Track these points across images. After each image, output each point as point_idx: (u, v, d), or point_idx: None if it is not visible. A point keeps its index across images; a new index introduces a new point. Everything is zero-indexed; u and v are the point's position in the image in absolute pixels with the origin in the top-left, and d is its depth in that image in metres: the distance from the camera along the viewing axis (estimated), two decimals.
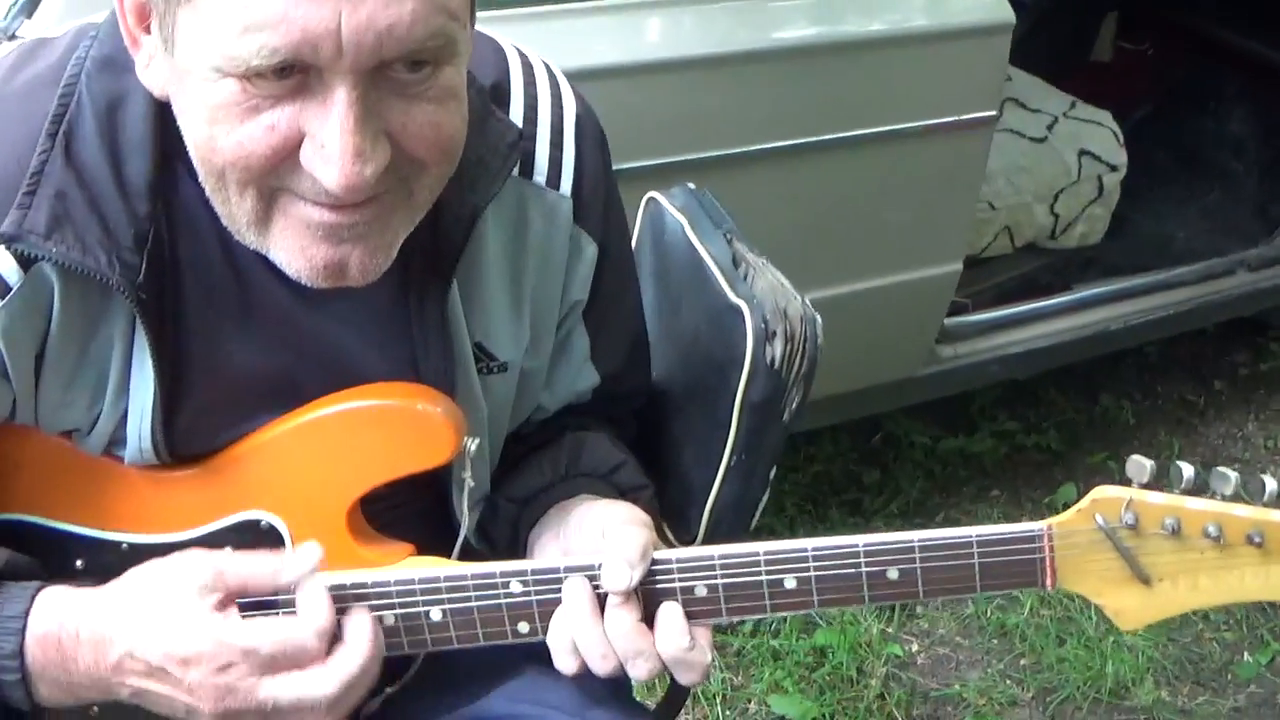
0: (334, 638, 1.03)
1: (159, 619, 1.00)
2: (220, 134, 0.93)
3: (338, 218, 0.96)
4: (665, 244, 1.44)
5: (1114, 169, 3.10)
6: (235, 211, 0.98)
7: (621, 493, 1.23)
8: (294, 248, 0.98)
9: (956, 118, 2.32)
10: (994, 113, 2.36)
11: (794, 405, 1.27)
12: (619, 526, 1.09)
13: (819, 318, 1.28)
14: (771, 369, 1.24)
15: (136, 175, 1.01)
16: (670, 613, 1.05)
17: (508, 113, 1.16)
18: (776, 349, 1.24)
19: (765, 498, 1.31)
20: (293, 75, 0.90)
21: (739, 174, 2.10)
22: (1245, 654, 2.65)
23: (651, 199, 1.48)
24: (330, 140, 0.91)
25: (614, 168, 1.26)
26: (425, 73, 0.94)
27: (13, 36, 1.67)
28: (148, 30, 0.97)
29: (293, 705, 1.00)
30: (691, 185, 1.47)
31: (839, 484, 2.89)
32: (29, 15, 1.69)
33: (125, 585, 1.04)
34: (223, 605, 1.01)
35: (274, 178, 0.95)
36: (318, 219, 0.97)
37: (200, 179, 0.99)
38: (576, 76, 1.25)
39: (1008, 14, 2.31)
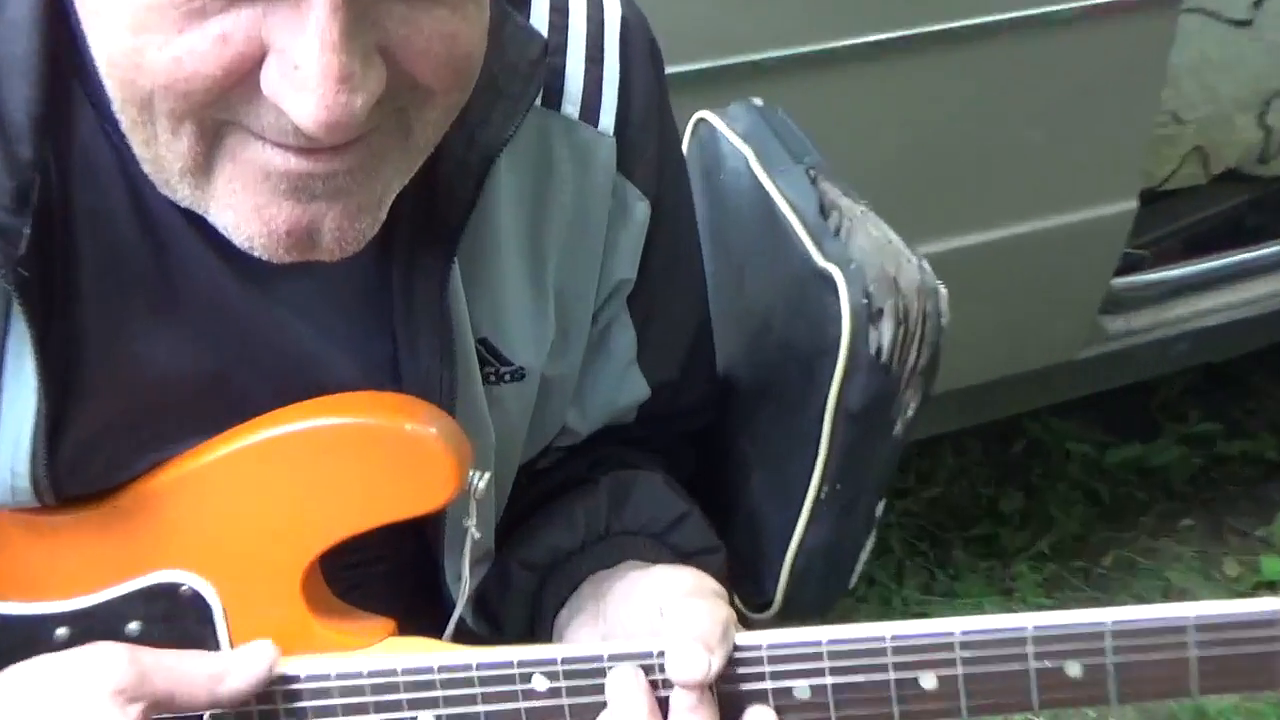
0: None
1: None
2: (150, 46, 0.89)
3: (309, 165, 0.93)
4: (722, 186, 1.44)
5: None
6: (164, 155, 0.95)
7: (683, 557, 1.22)
8: (245, 206, 0.95)
9: None
10: None
11: (909, 413, 1.26)
12: (683, 600, 1.07)
13: (943, 289, 1.26)
14: (877, 362, 1.23)
15: (17, 106, 1.00)
16: None
17: (527, 18, 1.16)
18: (884, 334, 1.23)
19: (870, 543, 1.31)
20: None
21: (821, 83, 2.10)
22: None
23: (702, 121, 1.48)
24: (306, 59, 0.88)
25: (674, 68, 1.27)
26: None
27: None
28: None
29: None
30: (758, 101, 1.46)
31: (965, 514, 2.92)
32: None
33: (9, 690, 1.03)
34: (144, 717, 1.01)
35: (222, 108, 0.92)
36: (281, 166, 0.93)
37: (115, 108, 0.96)
38: None
39: None
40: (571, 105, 1.17)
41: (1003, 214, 2.38)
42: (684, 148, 1.48)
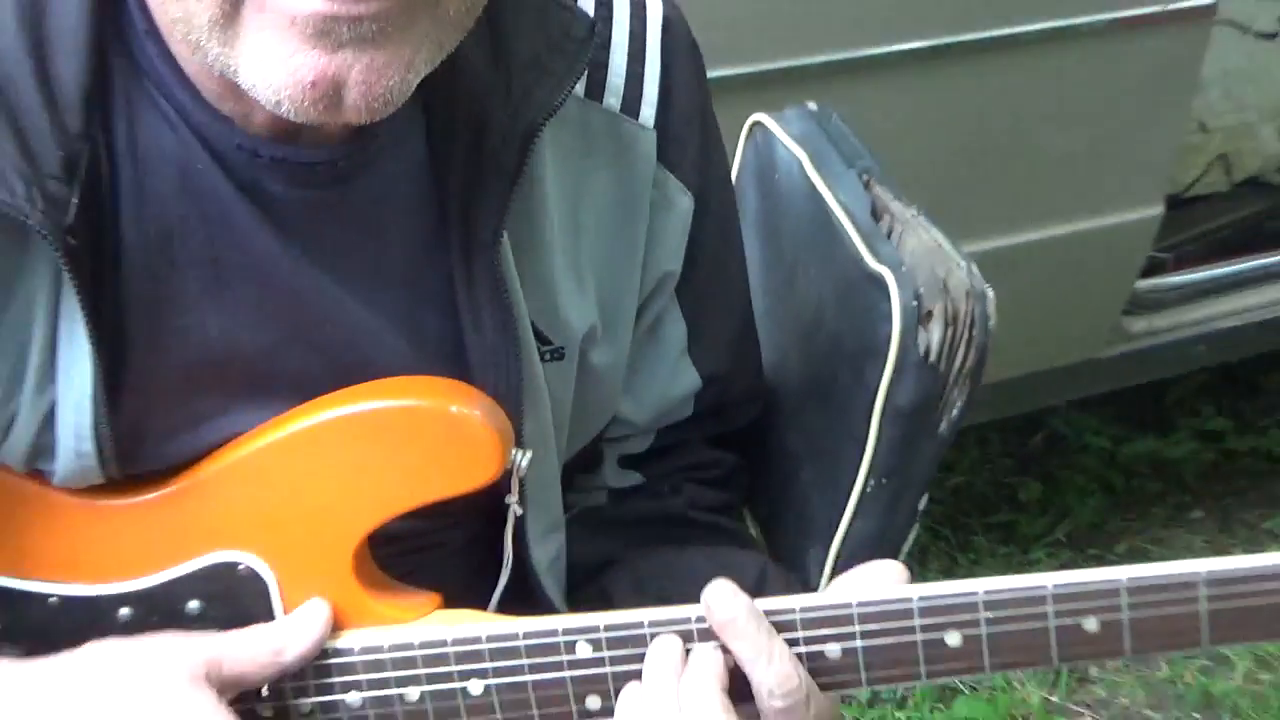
0: None
1: (158, 711, 1.00)
2: None
3: (334, 6, 0.90)
4: (776, 188, 1.41)
5: None
6: (192, 7, 0.92)
7: None
8: (271, 56, 0.92)
9: (1160, 7, 2.27)
10: (1212, 1, 2.31)
11: (955, 412, 1.24)
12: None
13: (990, 292, 1.24)
14: (926, 362, 1.21)
15: (67, 79, 0.99)
16: None
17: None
18: (933, 335, 1.21)
19: (913, 535, 1.29)
20: None
21: (871, 87, 2.09)
22: None
23: (758, 124, 1.45)
24: None
25: (718, 72, 1.25)
26: None
27: None
28: None
29: None
30: (812, 105, 1.44)
31: (986, 502, 2.90)
32: None
33: (77, 682, 1.02)
34: (224, 696, 1.01)
35: None
36: (307, 9, 0.90)
37: None
38: None
39: None
40: (614, 98, 1.16)
41: (1034, 217, 2.37)
42: (739, 149, 1.47)
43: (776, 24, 2.03)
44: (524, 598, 1.18)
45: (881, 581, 1.05)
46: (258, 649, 1.05)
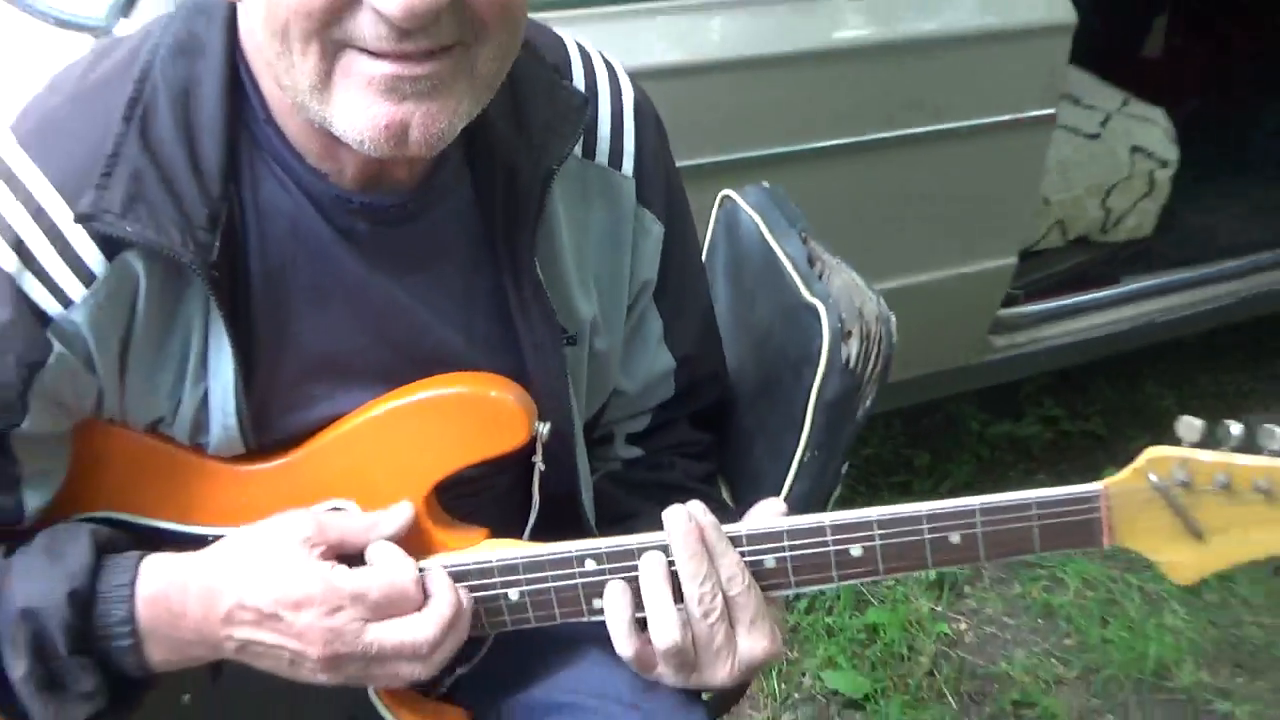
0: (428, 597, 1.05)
1: (268, 568, 1.00)
2: None
3: (399, 68, 0.91)
4: (740, 241, 1.42)
5: (1165, 165, 3.07)
6: (298, 75, 0.92)
7: None
8: (355, 107, 0.92)
9: (1016, 116, 2.30)
10: (1053, 110, 2.33)
11: (867, 403, 1.25)
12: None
13: (894, 317, 1.26)
14: (846, 368, 1.22)
15: (210, 156, 0.99)
16: None
17: (570, 81, 1.15)
18: (852, 348, 1.22)
19: (837, 492, 1.29)
20: None
21: (807, 170, 2.09)
22: None
23: (726, 197, 1.46)
24: None
25: (687, 161, 1.25)
26: None
27: (109, 34, 1.68)
28: None
29: (395, 650, 1.01)
30: (765, 184, 1.45)
31: (889, 466, 2.89)
32: (125, 14, 1.69)
33: (230, 543, 1.04)
34: (324, 556, 1.02)
35: (336, 28, 0.89)
36: (379, 73, 0.91)
37: (267, 55, 0.95)
38: (651, 74, 1.22)
39: (1069, 13, 2.28)
40: (603, 156, 1.16)
41: (926, 263, 2.37)
42: (713, 215, 1.47)
43: (741, 128, 2.03)
44: (567, 525, 1.17)
45: (774, 512, 1.09)
46: (356, 524, 1.05)
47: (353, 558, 1.04)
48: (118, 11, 1.68)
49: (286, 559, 1.00)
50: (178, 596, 1.01)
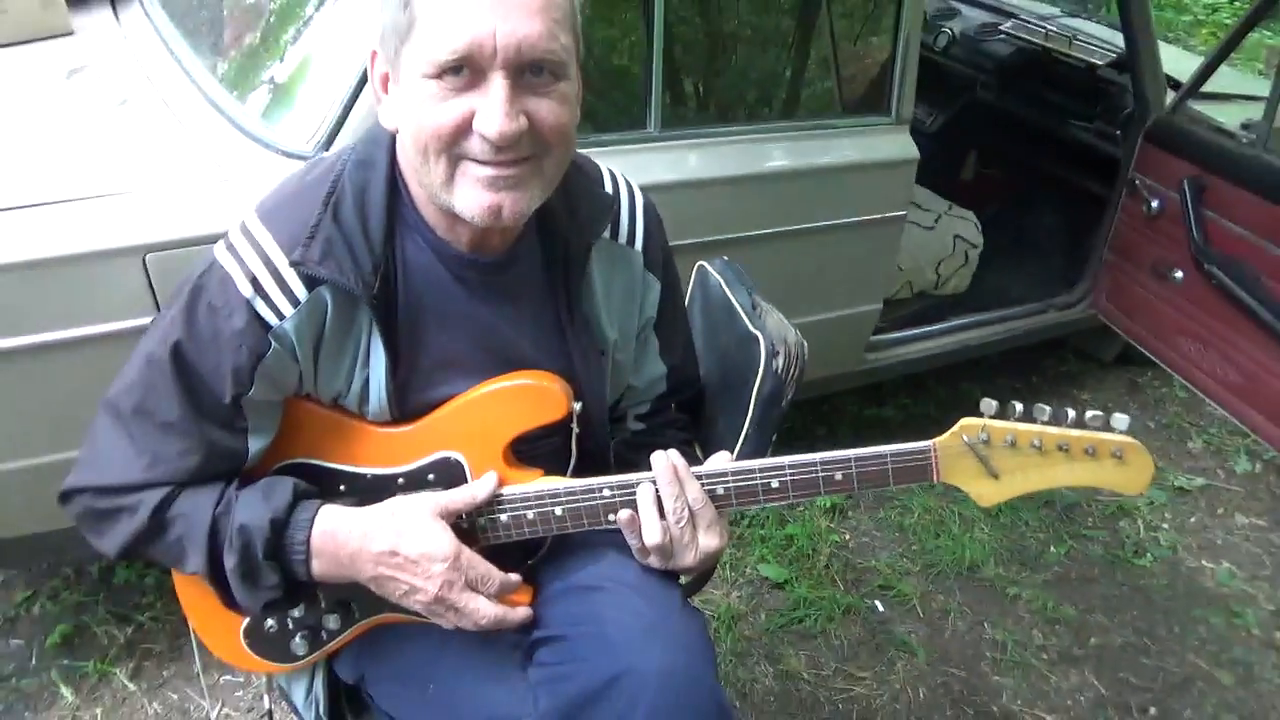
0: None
1: (420, 533, 1.00)
2: (426, 117, 0.90)
3: (495, 171, 0.91)
4: (709, 294, 1.39)
5: (975, 246, 3.03)
6: (433, 178, 0.93)
7: None
8: (469, 196, 0.93)
9: (883, 215, 2.26)
10: (904, 212, 2.29)
11: (789, 397, 1.22)
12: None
13: (806, 344, 1.23)
14: (776, 375, 1.20)
15: (375, 231, 0.98)
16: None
17: (601, 186, 1.14)
18: (779, 363, 1.20)
19: (768, 452, 1.25)
20: (466, 75, 0.88)
21: (750, 248, 2.06)
22: (1051, 546, 2.57)
23: (700, 266, 1.43)
24: (491, 106, 0.88)
25: (675, 242, 1.22)
26: (547, 79, 0.90)
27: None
28: (387, 91, 0.96)
29: (469, 610, 1.01)
30: (725, 258, 1.42)
31: (799, 435, 2.84)
32: (327, 148, 1.66)
33: (384, 507, 1.02)
34: (447, 520, 1.01)
35: (456, 145, 0.91)
36: (484, 174, 0.91)
37: (413, 170, 0.96)
38: (651, 187, 1.21)
39: (914, 152, 2.25)
40: (623, 238, 1.13)
41: (825, 307, 2.32)
42: (693, 277, 1.43)
43: (709, 222, 1.99)
44: (588, 472, 1.14)
45: (722, 459, 1.08)
46: (462, 494, 1.04)
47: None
48: (320, 147, 1.65)
49: (431, 527, 1.00)
50: (343, 535, 1.01)
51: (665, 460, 1.04)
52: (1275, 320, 2.28)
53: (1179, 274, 2.55)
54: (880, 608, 2.31)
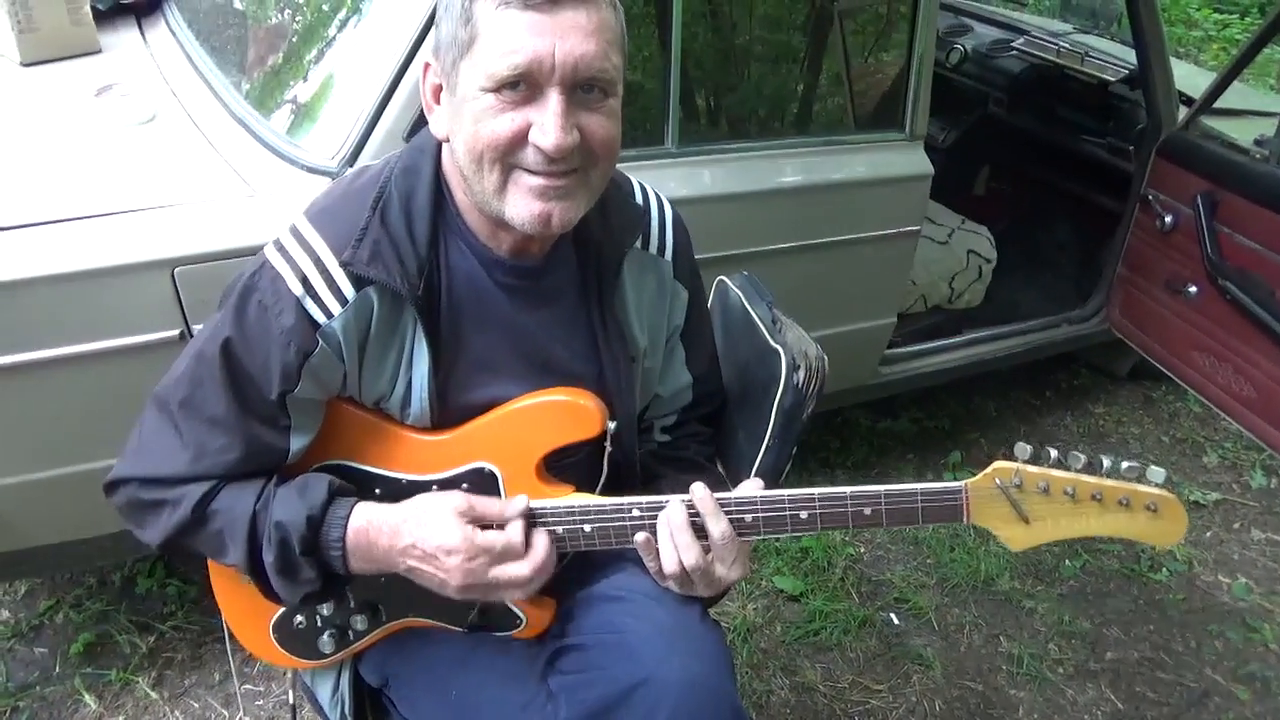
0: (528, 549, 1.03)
1: (435, 526, 1.00)
2: (483, 127, 0.91)
3: (547, 181, 0.93)
4: (729, 308, 1.39)
5: (989, 261, 3.03)
6: (486, 185, 0.95)
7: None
8: (521, 204, 0.94)
9: (897, 230, 2.26)
10: (918, 227, 2.29)
11: (809, 410, 1.22)
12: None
13: (827, 357, 1.23)
14: (797, 389, 1.20)
15: (420, 236, 1.00)
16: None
17: (634, 198, 1.16)
18: (800, 376, 1.20)
19: (788, 467, 1.26)
20: (523, 89, 0.90)
21: (770, 262, 2.07)
22: (1066, 560, 2.57)
23: (720, 281, 1.44)
24: (548, 120, 0.90)
25: (697, 256, 1.23)
26: (598, 96, 0.93)
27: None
28: (438, 101, 0.98)
29: (508, 581, 1.01)
30: (746, 272, 1.43)
31: (815, 447, 2.84)
32: (351, 164, 1.68)
33: (413, 504, 1.03)
34: (470, 524, 1.01)
35: (510, 155, 0.92)
36: (536, 183, 0.93)
37: (464, 176, 0.97)
38: (677, 202, 1.21)
39: (928, 168, 2.26)
40: (653, 248, 1.14)
41: (840, 319, 2.32)
42: (713, 292, 1.44)
43: (730, 236, 2.00)
44: (617, 486, 1.15)
45: (754, 486, 1.06)
46: (492, 505, 1.03)
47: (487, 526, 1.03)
48: (345, 163, 1.67)
49: (447, 522, 1.00)
50: (374, 531, 1.01)
51: (704, 492, 1.04)
52: None
53: (1193, 289, 2.55)
54: (896, 621, 2.31)
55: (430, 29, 1.31)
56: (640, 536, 1.04)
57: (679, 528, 1.03)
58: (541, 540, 1.03)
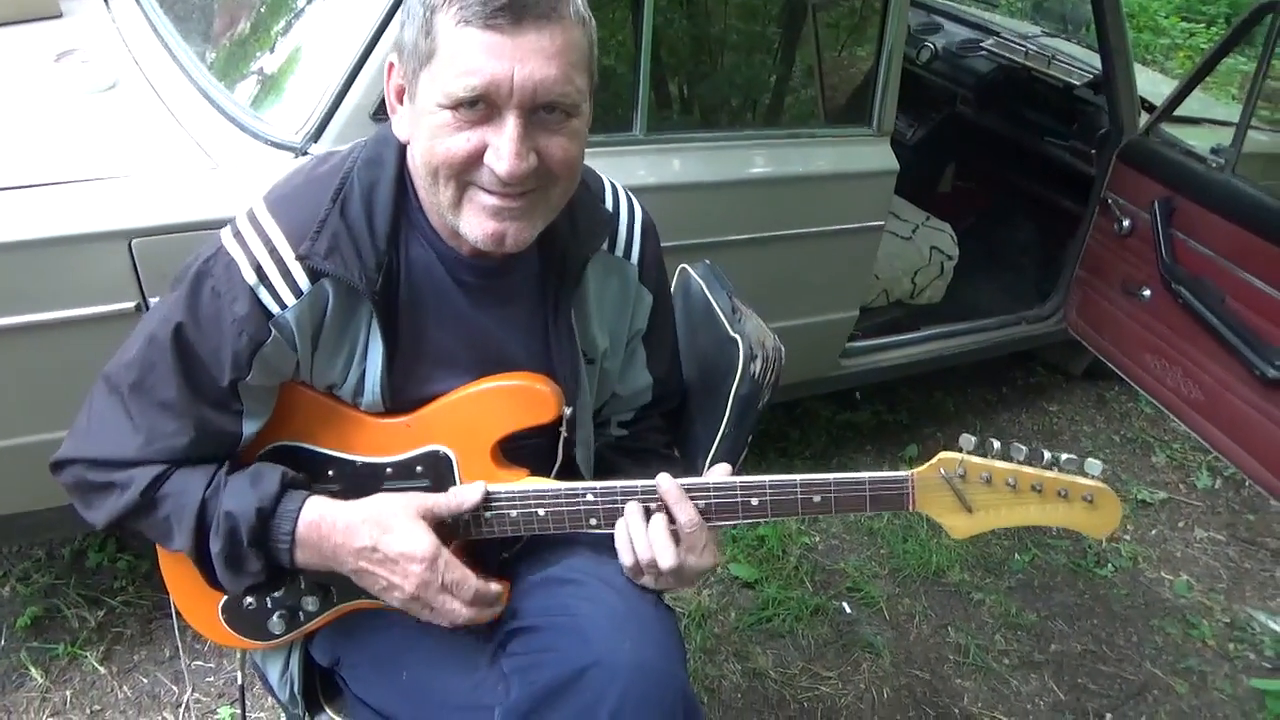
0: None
1: (403, 533, 1.00)
2: (438, 144, 0.91)
3: (502, 202, 0.93)
4: (690, 297, 1.40)
5: (950, 258, 3.06)
6: (441, 199, 0.95)
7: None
8: (475, 222, 0.94)
9: (862, 224, 2.28)
10: (882, 222, 2.31)
11: (765, 399, 1.23)
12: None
13: (784, 348, 1.24)
14: (753, 378, 1.21)
15: (380, 230, 0.99)
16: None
17: (603, 201, 1.15)
18: (757, 366, 1.21)
19: (743, 455, 1.27)
20: (481, 109, 0.89)
21: (732, 252, 2.07)
22: (1015, 554, 2.62)
23: (683, 269, 1.44)
24: (504, 145, 0.89)
25: (662, 244, 1.23)
26: (559, 117, 0.92)
27: (304, 153, 1.64)
28: (402, 102, 0.97)
29: (444, 610, 1.01)
30: (708, 261, 1.43)
31: (775, 438, 2.86)
32: (315, 140, 1.66)
33: (370, 503, 1.02)
34: (429, 522, 1.01)
35: (466, 173, 0.92)
36: (490, 203, 0.93)
37: (421, 185, 0.97)
38: (642, 189, 1.22)
39: (893, 163, 2.27)
40: (620, 250, 1.14)
41: (802, 312, 2.33)
42: (674, 280, 1.44)
43: (693, 224, 2.00)
44: (571, 474, 1.15)
45: (720, 473, 1.07)
46: (449, 498, 1.03)
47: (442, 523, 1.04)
48: (309, 139, 1.65)
49: (414, 528, 1.00)
50: (326, 528, 1.01)
51: (669, 480, 1.04)
52: (1238, 340, 2.33)
53: (1147, 292, 2.61)
54: (848, 609, 2.35)
55: (400, 3, 1.29)
56: (620, 527, 1.06)
57: (655, 527, 1.04)
58: (495, 610, 1.05)
